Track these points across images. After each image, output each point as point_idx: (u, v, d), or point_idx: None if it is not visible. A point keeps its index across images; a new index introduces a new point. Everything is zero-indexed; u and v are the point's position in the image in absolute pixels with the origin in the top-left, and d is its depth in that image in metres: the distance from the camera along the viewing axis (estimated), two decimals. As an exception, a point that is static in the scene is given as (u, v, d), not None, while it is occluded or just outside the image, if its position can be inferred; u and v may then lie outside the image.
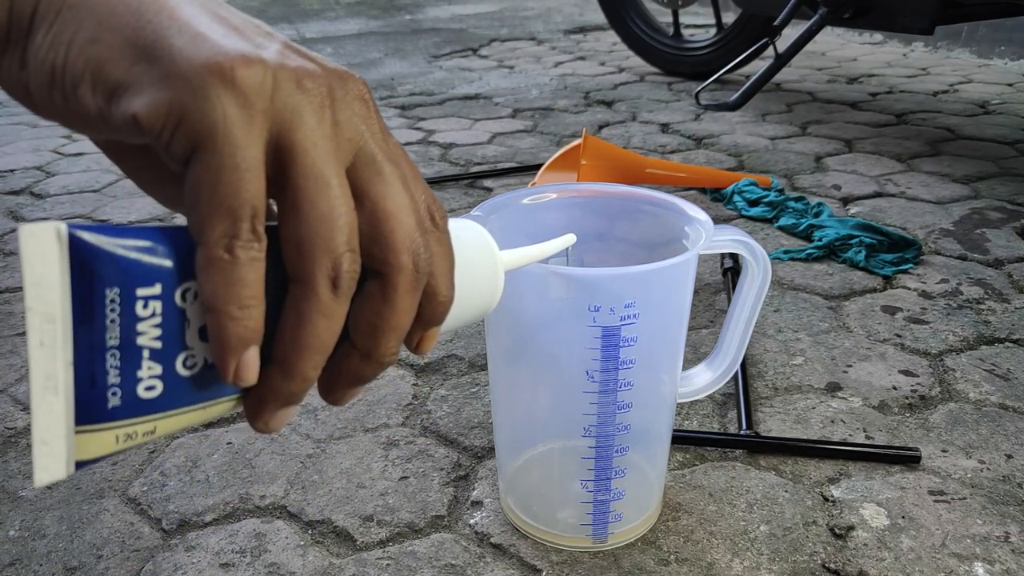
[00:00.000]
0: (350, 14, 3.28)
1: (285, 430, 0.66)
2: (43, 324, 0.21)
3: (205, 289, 0.24)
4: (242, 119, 0.23)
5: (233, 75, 0.23)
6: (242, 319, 0.24)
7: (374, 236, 0.26)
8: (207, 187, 0.23)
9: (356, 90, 0.26)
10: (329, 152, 0.25)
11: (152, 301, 0.24)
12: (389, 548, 0.53)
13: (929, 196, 1.17)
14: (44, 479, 0.22)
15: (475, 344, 0.78)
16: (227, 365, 0.24)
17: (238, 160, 0.23)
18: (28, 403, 0.70)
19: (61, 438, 0.22)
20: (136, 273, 0.23)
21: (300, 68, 0.25)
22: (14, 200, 1.22)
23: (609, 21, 2.06)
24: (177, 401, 0.25)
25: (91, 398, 0.23)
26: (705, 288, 0.89)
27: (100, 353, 0.23)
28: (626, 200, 0.53)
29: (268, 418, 0.27)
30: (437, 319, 0.29)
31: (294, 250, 0.25)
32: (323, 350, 0.26)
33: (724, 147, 1.42)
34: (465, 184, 1.25)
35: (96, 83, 0.24)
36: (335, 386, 0.28)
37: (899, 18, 1.31)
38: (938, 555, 0.52)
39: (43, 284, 0.21)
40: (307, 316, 0.25)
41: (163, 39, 0.23)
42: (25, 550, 0.54)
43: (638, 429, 0.49)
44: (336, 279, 0.25)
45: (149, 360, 0.24)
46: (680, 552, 0.52)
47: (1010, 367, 0.73)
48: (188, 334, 0.25)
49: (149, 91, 0.23)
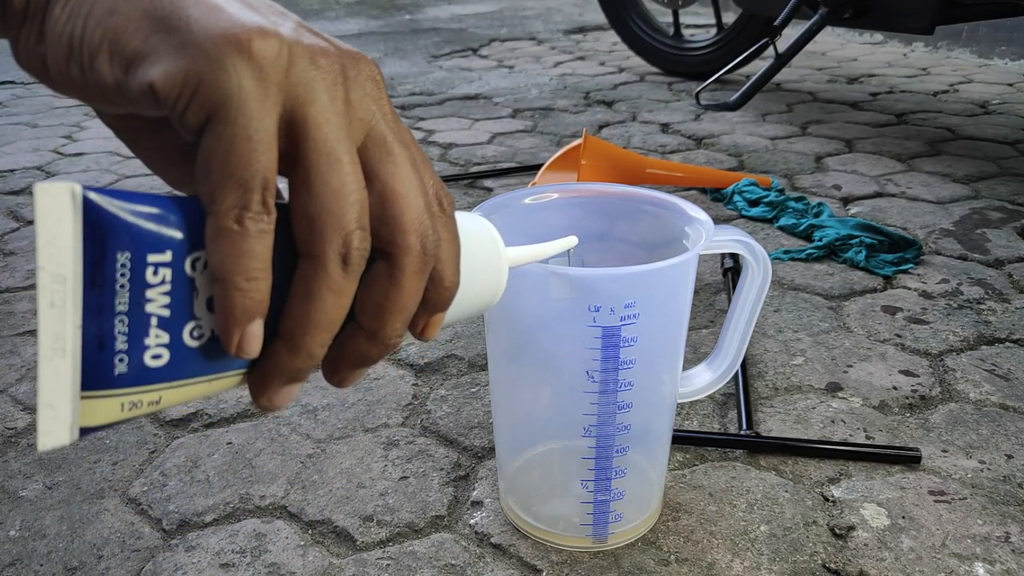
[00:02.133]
0: (350, 14, 3.28)
1: (285, 430, 0.66)
2: (54, 284, 0.21)
3: (213, 259, 0.24)
4: (257, 90, 0.23)
5: (250, 46, 0.23)
6: (249, 291, 0.24)
7: (383, 216, 0.26)
8: (219, 157, 0.23)
9: (368, 71, 0.27)
10: (342, 129, 0.25)
11: (162, 268, 0.23)
12: (389, 548, 0.53)
13: (929, 196, 1.17)
14: (48, 443, 0.22)
15: (475, 344, 0.78)
16: (231, 336, 0.24)
17: (251, 131, 0.23)
18: (29, 403, 0.70)
19: (67, 402, 0.22)
20: (148, 239, 0.23)
21: (314, 45, 0.25)
22: (14, 200, 1.22)
23: (609, 21, 2.06)
24: (183, 371, 0.25)
25: (98, 363, 0.23)
26: (705, 288, 0.89)
27: (109, 318, 0.22)
28: (626, 200, 0.53)
29: (272, 394, 0.27)
30: (442, 305, 0.29)
31: (305, 225, 0.25)
32: (330, 327, 0.26)
33: (724, 147, 1.42)
34: (465, 184, 1.25)
35: (113, 53, 0.24)
36: (339, 367, 0.28)
37: (899, 18, 1.31)
38: (938, 555, 0.52)
39: (56, 244, 0.21)
40: (316, 292, 0.25)
41: (180, 10, 0.24)
42: (25, 550, 0.54)
43: (638, 429, 0.49)
44: (346, 256, 0.25)
45: (157, 328, 0.24)
46: (680, 552, 0.52)
47: (1010, 367, 0.73)
48: (196, 304, 0.24)
49: (166, 60, 0.23)
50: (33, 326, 0.83)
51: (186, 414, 0.68)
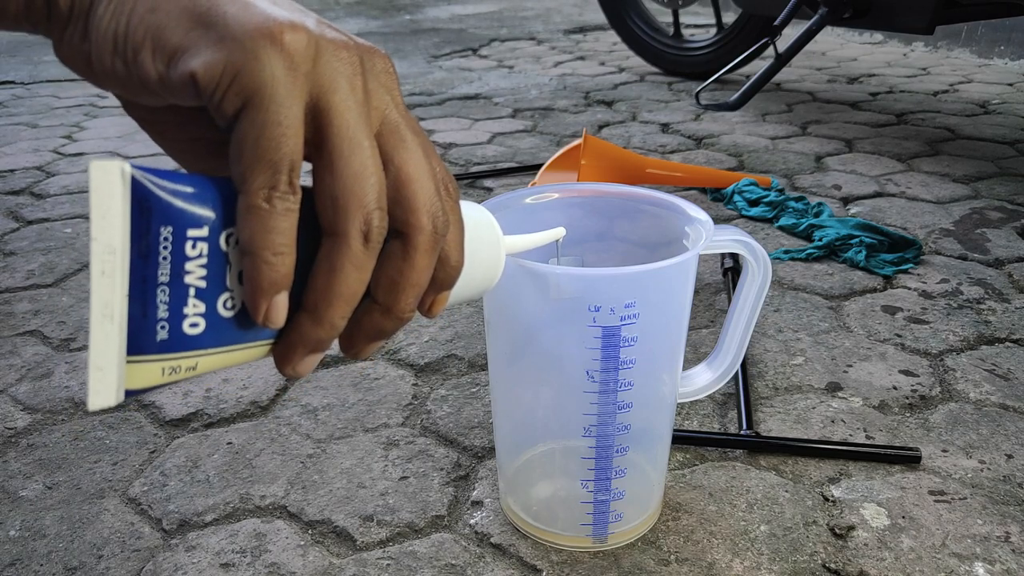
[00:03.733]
0: (350, 14, 3.28)
1: (285, 430, 0.66)
2: (105, 254, 0.23)
3: (243, 234, 0.26)
4: (287, 80, 0.25)
5: (282, 39, 0.25)
6: (275, 264, 0.26)
7: (398, 199, 0.28)
8: (251, 141, 0.25)
9: (383, 64, 0.29)
10: (362, 117, 0.27)
11: (200, 242, 0.25)
12: (389, 548, 0.53)
13: (929, 196, 1.17)
14: (97, 403, 0.23)
15: (475, 344, 0.78)
16: (259, 306, 0.26)
17: (281, 117, 0.25)
18: (29, 403, 0.70)
19: (114, 365, 0.24)
20: (188, 215, 0.25)
21: (336, 39, 0.27)
22: (14, 200, 1.22)
23: (609, 21, 2.06)
24: (217, 340, 0.26)
25: (142, 330, 0.24)
26: (705, 288, 0.89)
27: (152, 287, 0.24)
28: (626, 200, 0.53)
29: (296, 362, 0.29)
30: (448, 283, 0.31)
31: (329, 205, 0.27)
32: (352, 300, 0.28)
33: (724, 147, 1.42)
34: (465, 184, 1.25)
35: (156, 48, 0.26)
36: (356, 340, 0.30)
37: (899, 18, 1.31)
38: (938, 555, 0.52)
39: (107, 217, 0.23)
40: (339, 266, 0.27)
41: (217, 7, 0.26)
42: (25, 550, 0.54)
43: (638, 429, 0.49)
44: (368, 232, 0.27)
45: (194, 298, 0.25)
46: (680, 552, 0.52)
47: (1010, 367, 0.73)
48: (230, 276, 0.26)
49: (206, 53, 0.25)
50: (32, 327, 0.84)
51: (186, 414, 0.68)
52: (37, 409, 0.70)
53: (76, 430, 0.67)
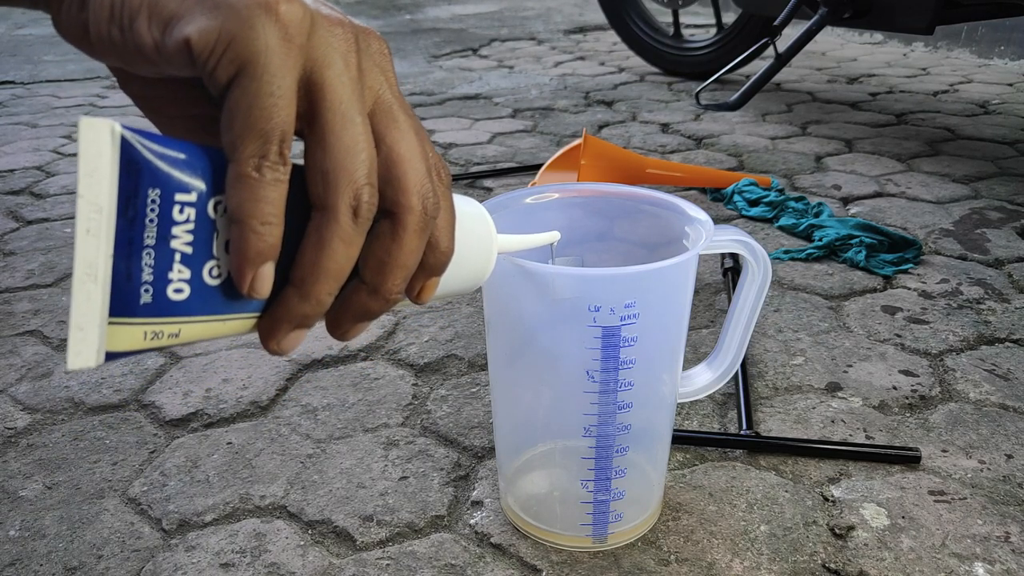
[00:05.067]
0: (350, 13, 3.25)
1: (285, 430, 0.66)
2: (91, 213, 0.23)
3: (232, 202, 0.26)
4: (281, 50, 0.25)
5: (278, 9, 0.25)
6: (263, 234, 0.26)
7: (388, 178, 0.28)
8: (243, 109, 0.25)
9: (378, 45, 0.29)
10: (355, 93, 0.27)
11: (188, 208, 0.25)
12: (389, 548, 0.53)
13: (929, 196, 1.17)
14: (77, 363, 0.23)
15: (475, 344, 0.78)
16: (244, 275, 0.26)
17: (274, 88, 0.25)
18: (29, 403, 0.70)
19: (95, 326, 0.23)
20: (177, 179, 0.25)
21: (332, 16, 0.27)
22: (14, 200, 1.22)
23: (609, 21, 2.06)
24: (201, 308, 0.26)
25: (126, 292, 0.24)
26: (705, 288, 0.89)
27: (137, 250, 0.24)
28: (626, 200, 0.53)
29: (281, 338, 0.29)
30: (438, 269, 0.31)
31: (319, 179, 0.27)
32: (339, 276, 0.28)
33: (724, 147, 1.42)
34: (465, 184, 1.25)
35: (152, 15, 0.26)
36: (342, 320, 0.30)
37: (899, 18, 1.31)
38: (938, 555, 0.52)
39: (95, 175, 0.23)
40: (328, 241, 0.27)
41: None
42: (25, 550, 0.54)
43: (638, 429, 0.49)
44: (357, 208, 0.27)
45: (180, 264, 0.25)
46: (680, 552, 0.52)
47: (1010, 367, 0.73)
48: (216, 244, 0.26)
49: (201, 19, 0.25)
50: (32, 327, 0.84)
51: (186, 414, 0.68)
52: (37, 409, 0.70)
53: (76, 430, 0.67)
